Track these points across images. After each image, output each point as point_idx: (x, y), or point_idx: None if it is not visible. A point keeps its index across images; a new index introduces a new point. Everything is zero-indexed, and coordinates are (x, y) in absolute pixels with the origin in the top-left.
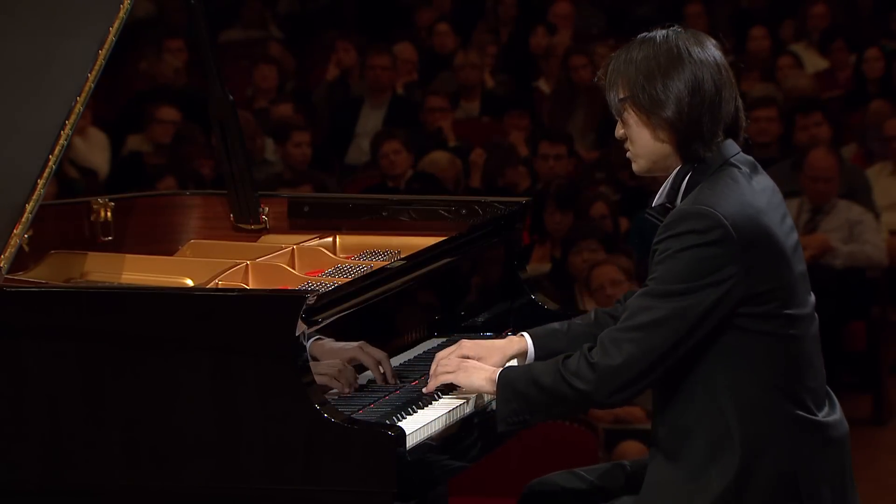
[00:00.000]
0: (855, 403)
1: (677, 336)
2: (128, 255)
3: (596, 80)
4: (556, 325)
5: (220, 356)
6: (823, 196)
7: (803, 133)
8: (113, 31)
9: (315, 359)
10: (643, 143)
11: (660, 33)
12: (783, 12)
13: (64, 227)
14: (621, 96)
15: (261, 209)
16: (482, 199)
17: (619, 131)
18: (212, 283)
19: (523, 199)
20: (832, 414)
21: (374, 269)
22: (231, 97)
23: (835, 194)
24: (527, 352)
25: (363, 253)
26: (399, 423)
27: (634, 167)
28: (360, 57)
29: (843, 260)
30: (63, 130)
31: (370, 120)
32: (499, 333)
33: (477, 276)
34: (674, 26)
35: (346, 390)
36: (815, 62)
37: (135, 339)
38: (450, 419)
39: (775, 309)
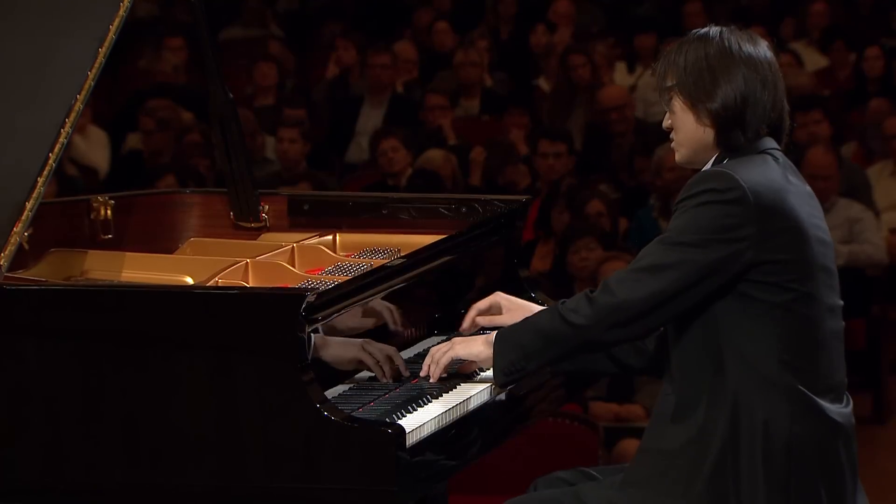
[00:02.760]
0: (855, 402)
1: (680, 284)
2: (128, 254)
3: (651, 73)
4: None
5: (220, 354)
6: (823, 194)
7: (803, 131)
8: (113, 29)
9: (317, 354)
10: (687, 128)
11: (714, 29)
12: (783, 10)
13: (64, 226)
14: (669, 84)
15: (261, 207)
16: (482, 197)
17: (667, 122)
18: (212, 282)
19: (523, 198)
20: (842, 406)
21: (374, 267)
22: (231, 95)
23: (835, 192)
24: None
25: (363, 251)
26: (399, 422)
27: (677, 157)
28: (359, 55)
29: (844, 260)
30: (63, 129)
31: (370, 118)
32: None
33: (477, 274)
34: (730, 26)
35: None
36: (815, 60)
37: (135, 337)
38: (449, 417)
39: (788, 283)
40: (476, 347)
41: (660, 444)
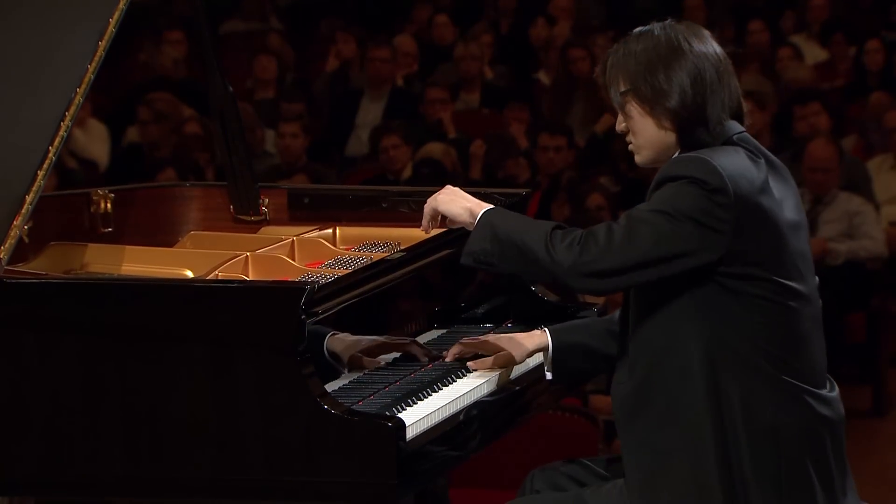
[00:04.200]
0: (854, 395)
1: (658, 252)
2: (127, 247)
3: (594, 76)
4: (577, 321)
5: (220, 347)
6: (823, 187)
7: (803, 123)
8: (113, 22)
9: (335, 355)
10: (647, 133)
11: (657, 26)
12: (783, 4)
13: (64, 219)
14: (623, 89)
15: (261, 200)
16: (482, 190)
17: (621, 125)
18: (212, 275)
19: (523, 191)
20: (827, 391)
21: (374, 260)
22: (231, 88)
23: (835, 185)
24: (547, 346)
25: (363, 244)
26: (399, 415)
27: (638, 159)
28: (359, 49)
29: (844, 257)
30: (63, 122)
31: (370, 112)
32: (498, 325)
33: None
34: (668, 20)
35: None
36: (815, 54)
37: (135, 330)
38: (450, 410)
39: (762, 272)
40: (457, 208)
41: (652, 445)
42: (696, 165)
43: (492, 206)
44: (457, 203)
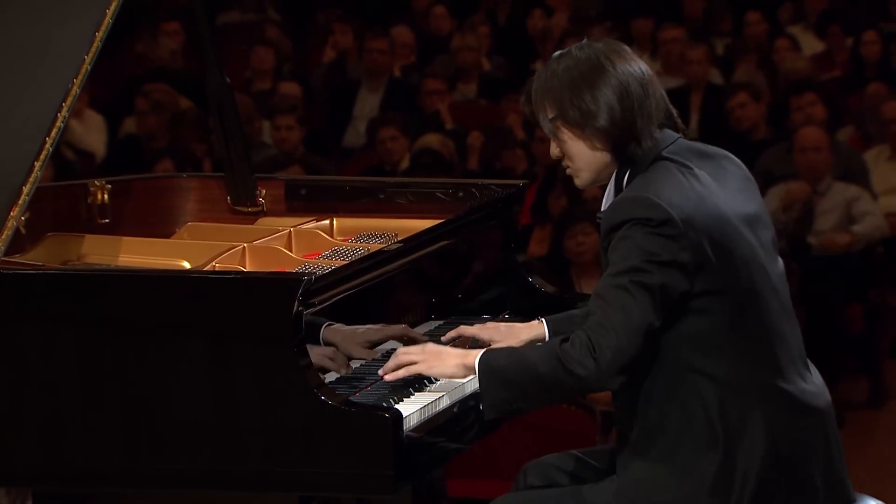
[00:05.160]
0: (852, 387)
1: (650, 307)
2: (125, 238)
3: (520, 107)
4: (574, 311)
5: (217, 339)
6: (816, 170)
7: (799, 114)
8: (110, 13)
9: (332, 346)
10: (582, 156)
11: (574, 48)
12: None
13: (61, 210)
14: (551, 116)
15: (258, 192)
16: (479, 181)
17: (555, 150)
18: (209, 266)
19: (520, 182)
20: (809, 383)
21: (371, 251)
22: (228, 80)
23: (827, 170)
24: (545, 337)
25: (360, 235)
26: (396, 406)
27: (578, 182)
28: (357, 40)
29: (849, 246)
30: (60, 113)
31: (367, 103)
32: (496, 316)
33: (474, 258)
34: (585, 40)
35: (343, 371)
36: (812, 45)
37: (132, 321)
38: (447, 401)
39: (729, 286)
40: (449, 367)
41: (640, 474)
42: (636, 205)
43: (482, 352)
44: (446, 363)
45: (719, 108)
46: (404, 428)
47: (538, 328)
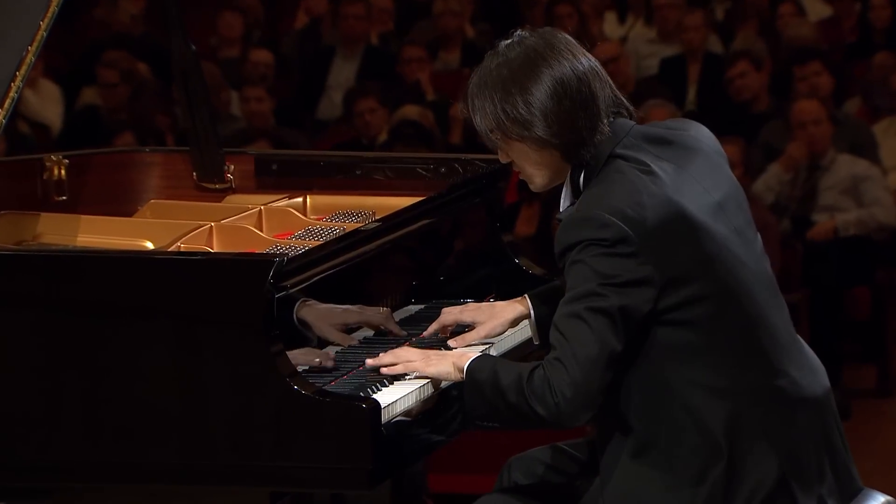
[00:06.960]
0: (859, 374)
1: (609, 333)
2: (83, 216)
3: (460, 113)
4: (557, 283)
5: (183, 324)
6: (817, 143)
7: (803, 84)
8: None
9: (306, 323)
10: (531, 162)
11: (504, 45)
12: None
13: (15, 186)
14: (489, 129)
15: (226, 167)
16: (462, 156)
17: (503, 158)
18: (173, 247)
19: None
20: (803, 368)
21: (347, 231)
22: (193, 47)
23: (828, 143)
24: (529, 313)
25: (335, 214)
26: (374, 396)
27: (533, 188)
28: (331, 4)
29: (854, 229)
30: (13, 82)
31: (342, 72)
32: (480, 300)
33: (457, 238)
34: (517, 31)
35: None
36: (818, 10)
37: (92, 306)
38: (427, 391)
39: (703, 291)
40: (445, 367)
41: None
42: (587, 224)
43: (472, 358)
44: (442, 363)
45: (718, 77)
46: (383, 419)
47: (521, 303)
